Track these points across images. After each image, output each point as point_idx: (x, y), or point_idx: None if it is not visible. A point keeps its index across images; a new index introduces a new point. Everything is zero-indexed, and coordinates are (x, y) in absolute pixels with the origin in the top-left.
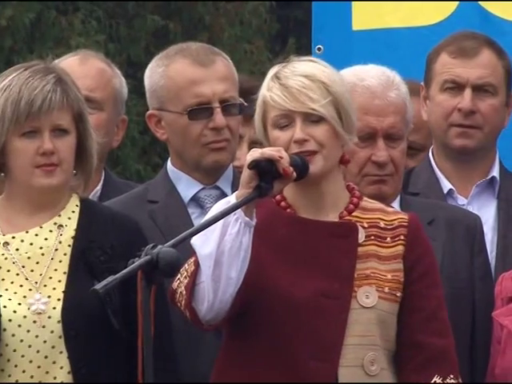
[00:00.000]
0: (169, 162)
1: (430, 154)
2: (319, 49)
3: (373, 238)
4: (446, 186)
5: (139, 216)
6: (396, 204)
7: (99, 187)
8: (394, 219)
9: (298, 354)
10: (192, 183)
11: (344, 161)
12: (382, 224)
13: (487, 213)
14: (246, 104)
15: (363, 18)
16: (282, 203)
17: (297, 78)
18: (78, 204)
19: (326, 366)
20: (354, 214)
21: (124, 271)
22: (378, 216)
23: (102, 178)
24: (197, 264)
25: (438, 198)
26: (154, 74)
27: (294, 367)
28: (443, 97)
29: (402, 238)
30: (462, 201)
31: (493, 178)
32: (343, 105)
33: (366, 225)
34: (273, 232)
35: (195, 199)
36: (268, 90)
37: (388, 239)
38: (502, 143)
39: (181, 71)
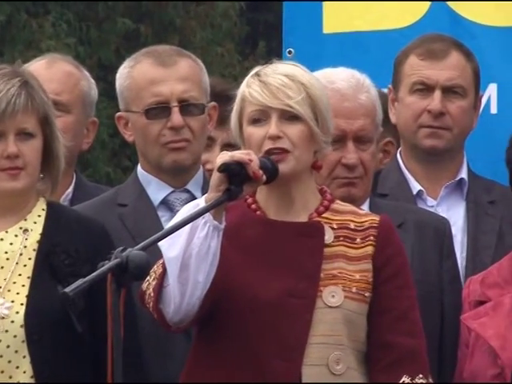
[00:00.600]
0: (139, 166)
1: (398, 155)
2: (290, 52)
3: (342, 238)
4: (416, 187)
5: (109, 219)
6: (365, 206)
7: (70, 190)
8: (365, 221)
9: (263, 354)
10: (162, 186)
11: (316, 166)
12: (352, 225)
13: (456, 214)
14: (208, 105)
15: (334, 21)
16: (253, 205)
17: (277, 76)
18: (45, 208)
19: (290, 366)
20: (323, 215)
21: (93, 274)
22: (348, 218)
23: (73, 181)
24: (164, 266)
25: (407, 199)
26: (121, 75)
27: (259, 367)
28: (412, 99)
29: (371, 238)
30: (431, 202)
31: (461, 179)
32: (320, 108)
33: (335, 226)
34: (242, 234)
35: (165, 202)
36: (247, 87)
37: (358, 240)
38: (468, 145)
39: (142, 71)
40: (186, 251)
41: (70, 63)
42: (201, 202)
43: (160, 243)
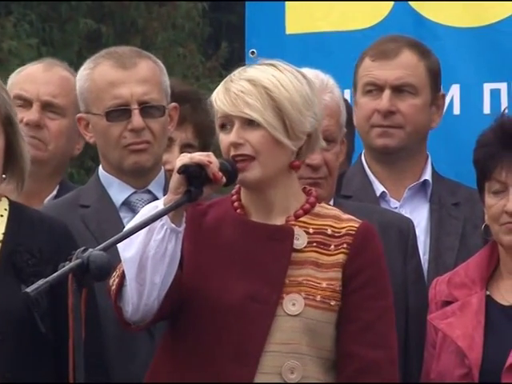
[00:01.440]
0: (100, 167)
1: (363, 157)
2: (253, 52)
3: (315, 244)
4: (379, 188)
5: (72, 221)
6: None
7: (55, 192)
8: (344, 227)
9: (219, 357)
10: (123, 187)
11: (293, 166)
12: (329, 231)
13: (419, 215)
14: (168, 107)
15: (296, 21)
16: (235, 204)
17: (239, 83)
18: (7, 208)
19: (245, 371)
20: (301, 219)
21: (55, 274)
22: (328, 223)
23: (57, 187)
24: None
25: (371, 201)
26: (81, 77)
27: (214, 370)
28: (364, 100)
29: (345, 246)
30: (394, 203)
31: (425, 181)
32: (287, 111)
33: (311, 231)
34: (220, 232)
35: (127, 203)
36: (216, 93)
37: (332, 247)
38: (431, 146)
39: (102, 73)
40: (143, 253)
41: (67, 69)
42: (159, 204)
43: (118, 244)
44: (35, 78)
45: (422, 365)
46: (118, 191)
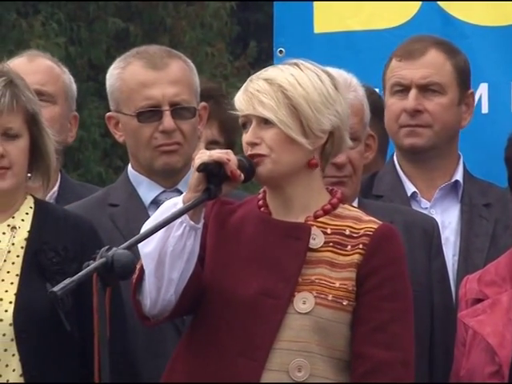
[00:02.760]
0: (129, 166)
1: (394, 157)
2: (281, 51)
3: (331, 244)
4: (410, 188)
5: (100, 219)
6: None
7: (56, 189)
8: (363, 228)
9: (229, 350)
10: (152, 186)
11: (310, 164)
12: (347, 231)
13: (450, 216)
14: (197, 107)
15: (325, 20)
16: (260, 202)
17: (257, 82)
18: (32, 206)
19: (253, 366)
20: (320, 219)
21: (80, 274)
22: (347, 224)
23: (59, 179)
24: None
25: (402, 201)
26: (112, 75)
27: (223, 363)
28: (392, 100)
29: (360, 246)
30: (425, 204)
31: (456, 181)
32: (303, 109)
33: (329, 231)
34: (244, 229)
35: (156, 202)
36: (238, 92)
37: (348, 247)
38: (468, 144)
39: (134, 74)
40: (162, 249)
41: (50, 59)
42: (178, 201)
43: None
44: (21, 70)
45: (447, 364)
46: (147, 190)
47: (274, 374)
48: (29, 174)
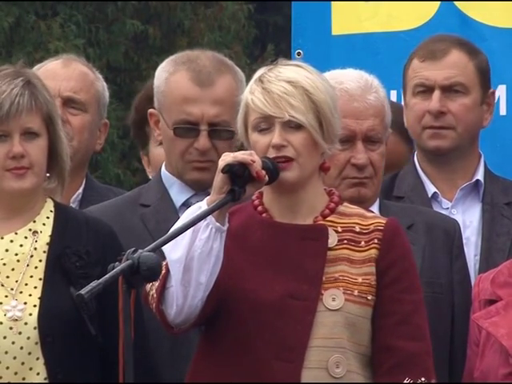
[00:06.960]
0: (163, 166)
1: (415, 157)
2: (299, 53)
3: (346, 242)
4: (431, 189)
5: (131, 219)
6: (375, 208)
7: (80, 191)
8: (371, 223)
9: (263, 355)
10: (184, 188)
11: (324, 168)
12: (357, 228)
13: (472, 216)
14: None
15: (343, 22)
16: (259, 208)
17: (279, 84)
18: (53, 209)
19: (290, 367)
20: (328, 218)
21: (106, 276)
22: (354, 221)
23: (84, 181)
24: (167, 268)
25: (423, 202)
26: (159, 76)
27: (258, 368)
28: (415, 101)
29: (375, 241)
30: (446, 204)
31: (477, 181)
32: (325, 113)
33: (340, 229)
34: (248, 236)
35: (186, 204)
36: (250, 93)
37: (362, 243)
38: (486, 145)
39: (178, 85)
40: (189, 253)
41: (85, 64)
42: (203, 205)
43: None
44: (55, 74)
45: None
46: (179, 192)
47: (314, 371)
48: (47, 174)
